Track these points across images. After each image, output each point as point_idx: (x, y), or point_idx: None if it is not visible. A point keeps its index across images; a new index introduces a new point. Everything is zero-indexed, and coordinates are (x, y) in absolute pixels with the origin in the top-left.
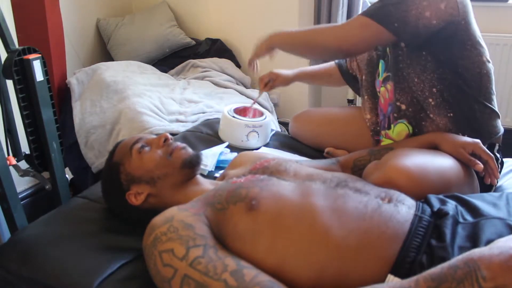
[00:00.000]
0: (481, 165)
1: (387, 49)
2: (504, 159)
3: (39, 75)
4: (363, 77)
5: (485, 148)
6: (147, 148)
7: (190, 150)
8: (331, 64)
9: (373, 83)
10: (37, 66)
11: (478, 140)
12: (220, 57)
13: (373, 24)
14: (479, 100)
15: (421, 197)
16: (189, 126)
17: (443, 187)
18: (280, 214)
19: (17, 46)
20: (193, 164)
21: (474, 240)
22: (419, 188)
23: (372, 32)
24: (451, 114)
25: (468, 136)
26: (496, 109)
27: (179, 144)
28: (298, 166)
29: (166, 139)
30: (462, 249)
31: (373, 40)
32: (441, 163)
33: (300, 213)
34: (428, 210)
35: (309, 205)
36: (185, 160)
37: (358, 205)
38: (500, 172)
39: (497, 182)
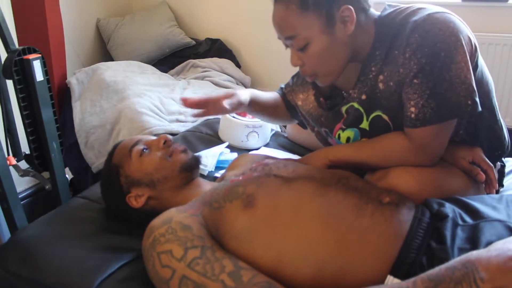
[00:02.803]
0: (483, 175)
1: (385, 117)
2: (505, 159)
3: (39, 75)
4: (316, 129)
5: (484, 157)
6: (147, 151)
7: (189, 153)
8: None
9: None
10: (37, 66)
11: (479, 148)
12: (220, 57)
13: (445, 125)
14: (496, 118)
15: (421, 202)
16: (189, 126)
17: (446, 195)
18: (277, 210)
19: (17, 46)
20: (192, 167)
21: (473, 242)
22: (423, 197)
23: (449, 130)
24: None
25: (492, 155)
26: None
27: (179, 146)
28: (297, 164)
29: (166, 141)
30: (462, 251)
31: (450, 134)
32: (447, 175)
33: (298, 208)
34: (427, 212)
35: (307, 200)
36: (185, 163)
37: (358, 202)
38: (504, 177)
39: (499, 189)
